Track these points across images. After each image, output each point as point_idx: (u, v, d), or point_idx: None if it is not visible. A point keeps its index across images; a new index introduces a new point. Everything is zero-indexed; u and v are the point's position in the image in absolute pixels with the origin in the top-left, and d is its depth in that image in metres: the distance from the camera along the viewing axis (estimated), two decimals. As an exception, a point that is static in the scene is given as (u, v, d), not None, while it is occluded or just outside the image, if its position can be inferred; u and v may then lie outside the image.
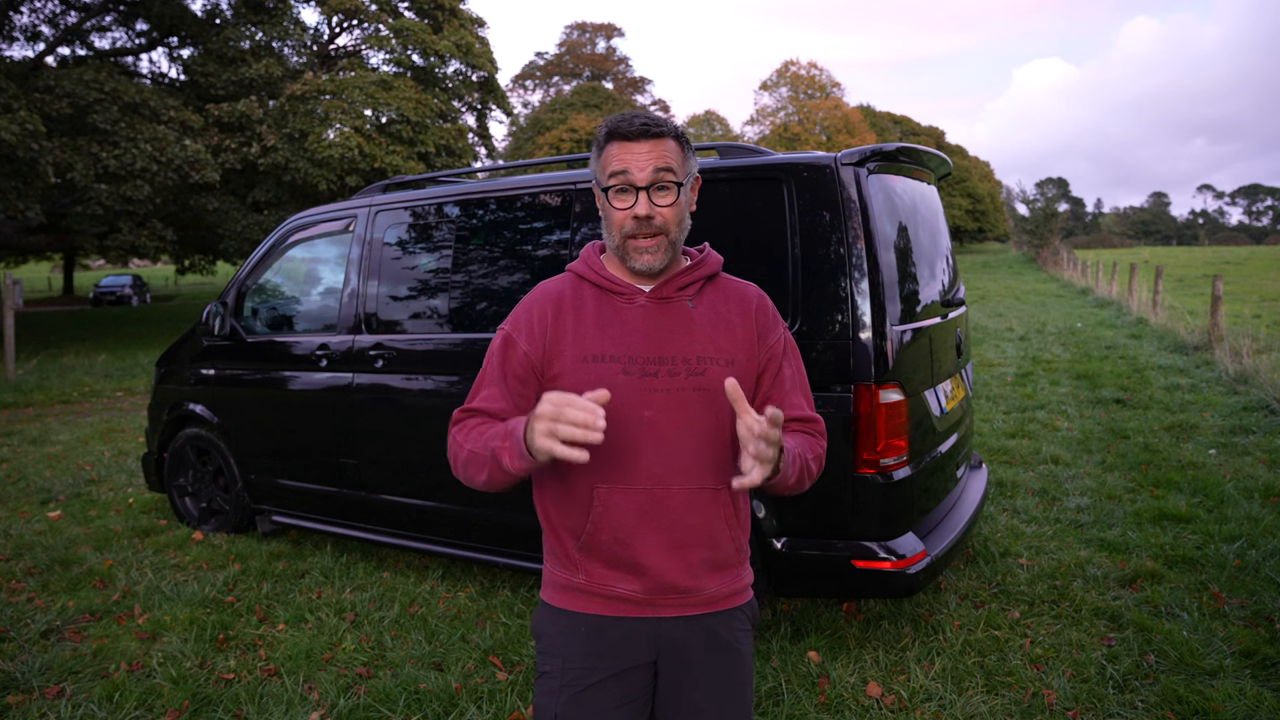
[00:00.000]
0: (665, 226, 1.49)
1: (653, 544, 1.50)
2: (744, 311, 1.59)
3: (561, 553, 1.57)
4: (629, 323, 1.52)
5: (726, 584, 1.57)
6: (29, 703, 3.02)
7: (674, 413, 1.49)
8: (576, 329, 1.52)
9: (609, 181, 1.50)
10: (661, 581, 1.51)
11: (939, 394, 3.44)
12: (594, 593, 1.54)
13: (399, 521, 4.07)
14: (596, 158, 1.54)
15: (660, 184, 1.48)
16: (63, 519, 5.30)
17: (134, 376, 12.25)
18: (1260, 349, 8.97)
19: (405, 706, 2.92)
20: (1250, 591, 3.58)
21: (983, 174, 67.92)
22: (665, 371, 1.50)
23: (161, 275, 56.07)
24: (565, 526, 1.56)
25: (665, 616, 1.53)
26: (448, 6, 22.48)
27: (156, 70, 21.32)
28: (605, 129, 1.51)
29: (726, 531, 1.56)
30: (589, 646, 1.54)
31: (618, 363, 1.49)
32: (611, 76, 60.18)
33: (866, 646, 3.27)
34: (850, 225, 3.02)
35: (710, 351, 1.53)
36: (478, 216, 3.90)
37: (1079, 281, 25.61)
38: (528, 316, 1.56)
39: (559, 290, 1.58)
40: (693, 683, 1.56)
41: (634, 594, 1.52)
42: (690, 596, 1.54)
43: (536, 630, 1.62)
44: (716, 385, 1.50)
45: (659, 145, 1.49)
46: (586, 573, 1.54)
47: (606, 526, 1.50)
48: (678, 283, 1.56)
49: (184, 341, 5.03)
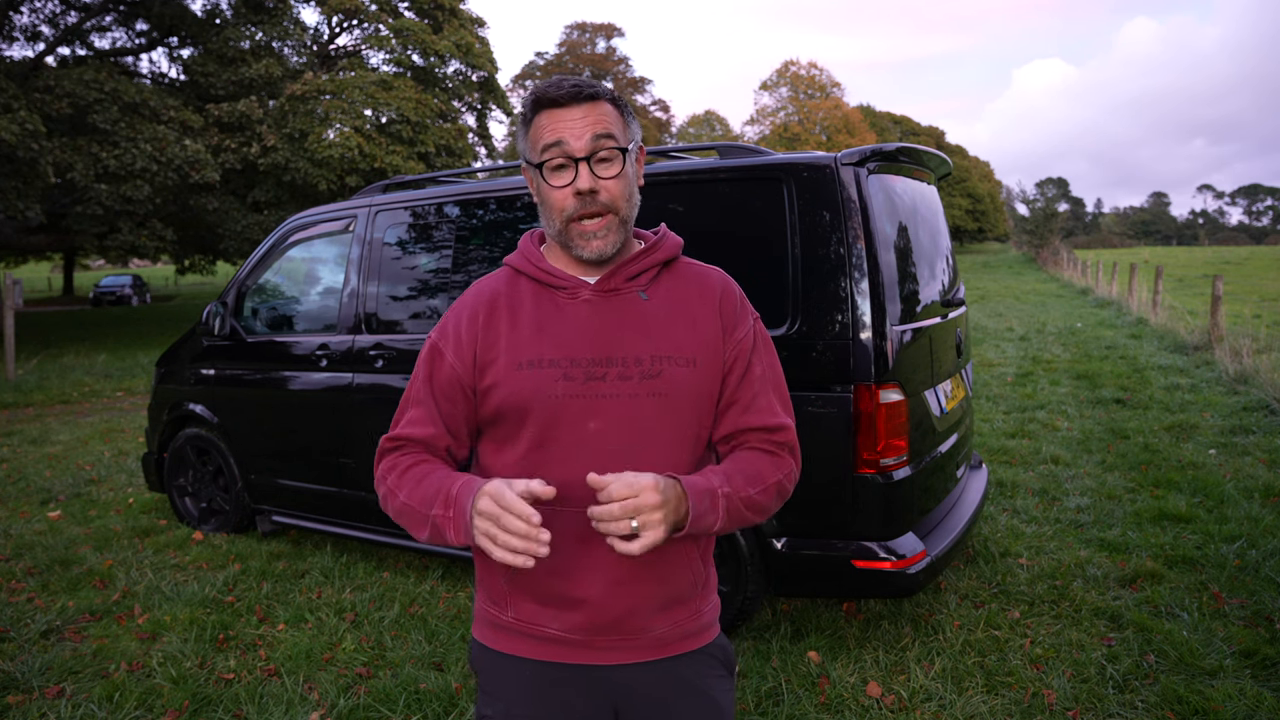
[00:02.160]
0: (612, 203, 1.28)
1: (594, 578, 1.30)
2: (706, 301, 1.37)
3: (491, 584, 1.38)
4: (571, 321, 1.32)
5: (680, 623, 1.35)
6: (29, 703, 3.01)
7: (625, 423, 1.29)
8: (511, 332, 1.33)
9: (542, 157, 1.28)
10: (599, 621, 1.31)
11: (939, 394, 3.44)
12: (523, 633, 1.35)
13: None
14: (524, 134, 1.32)
15: (601, 153, 1.27)
16: (63, 519, 5.30)
17: (134, 376, 12.25)
18: (1260, 349, 8.97)
19: (405, 706, 2.92)
20: (1250, 591, 3.58)
21: (983, 174, 67.95)
22: (614, 375, 1.29)
23: (161, 275, 56.07)
24: None
25: (612, 664, 1.33)
26: (448, 6, 22.49)
27: (156, 70, 21.34)
28: (531, 97, 1.30)
29: (683, 563, 1.35)
30: (534, 693, 1.34)
31: (557, 367, 1.29)
32: (611, 76, 60.16)
33: (866, 646, 3.27)
34: (850, 225, 3.02)
35: (667, 350, 1.31)
36: (478, 216, 3.90)
37: (1079, 281, 25.61)
38: (456, 322, 1.36)
39: (493, 289, 1.38)
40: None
41: (567, 635, 1.32)
42: (635, 639, 1.32)
43: (474, 666, 1.43)
44: (675, 389, 1.30)
45: (594, 109, 1.27)
46: (515, 610, 1.35)
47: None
48: (627, 271, 1.34)
49: (184, 341, 5.03)
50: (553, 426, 1.30)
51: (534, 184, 1.34)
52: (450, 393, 1.36)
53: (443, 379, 1.36)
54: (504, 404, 1.32)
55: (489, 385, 1.33)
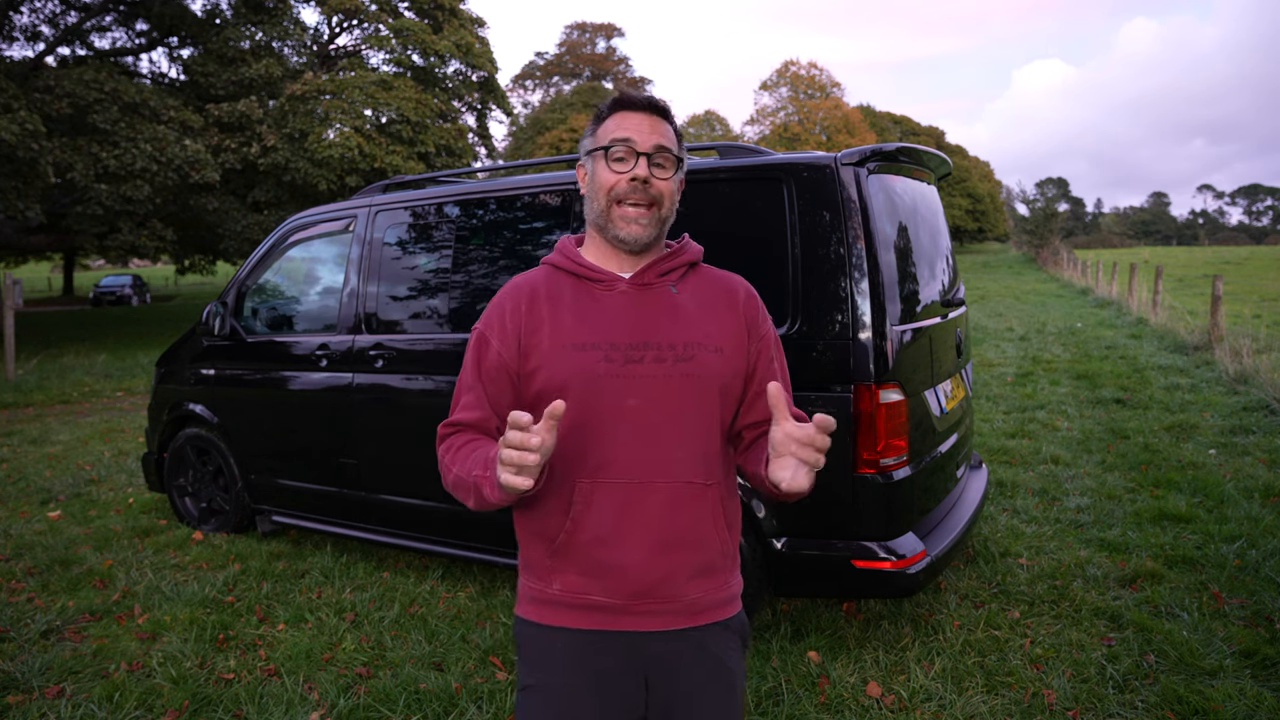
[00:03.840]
0: (659, 196, 1.45)
1: (634, 544, 1.41)
2: (731, 302, 1.53)
3: (535, 562, 1.50)
4: (609, 309, 1.46)
5: (712, 591, 1.48)
6: (29, 703, 3.02)
7: (660, 401, 1.42)
8: (553, 319, 1.46)
9: (609, 143, 1.45)
10: (640, 586, 1.42)
11: (939, 394, 3.44)
12: (568, 604, 1.45)
13: (399, 521, 4.07)
14: (594, 129, 1.50)
15: (660, 160, 1.46)
16: (63, 519, 5.30)
17: (134, 376, 12.25)
18: (1260, 349, 8.97)
19: (405, 706, 2.92)
20: (1250, 591, 3.58)
21: (983, 174, 67.92)
22: (650, 357, 1.42)
23: (161, 275, 56.06)
24: (539, 533, 1.48)
25: (649, 631, 1.44)
26: (448, 6, 22.49)
27: (156, 70, 21.34)
28: (612, 99, 1.51)
29: (714, 533, 1.47)
30: (572, 662, 1.45)
31: (598, 350, 1.42)
32: (611, 76, 60.18)
33: (866, 646, 3.27)
34: (850, 225, 3.02)
35: (698, 337, 1.46)
36: (478, 216, 3.90)
37: (1079, 281, 25.61)
38: (500, 312, 1.50)
39: (532, 283, 1.51)
40: (684, 707, 1.47)
41: (611, 602, 1.43)
42: (672, 603, 1.44)
43: (517, 638, 1.54)
44: (705, 372, 1.44)
45: (662, 124, 1.47)
46: (561, 582, 1.46)
47: (586, 525, 1.42)
48: (659, 269, 1.50)
49: (184, 341, 5.03)
50: (594, 404, 1.41)
51: (586, 171, 1.51)
52: (497, 377, 1.49)
53: (490, 365, 1.49)
54: (548, 384, 1.44)
55: (533, 368, 1.46)
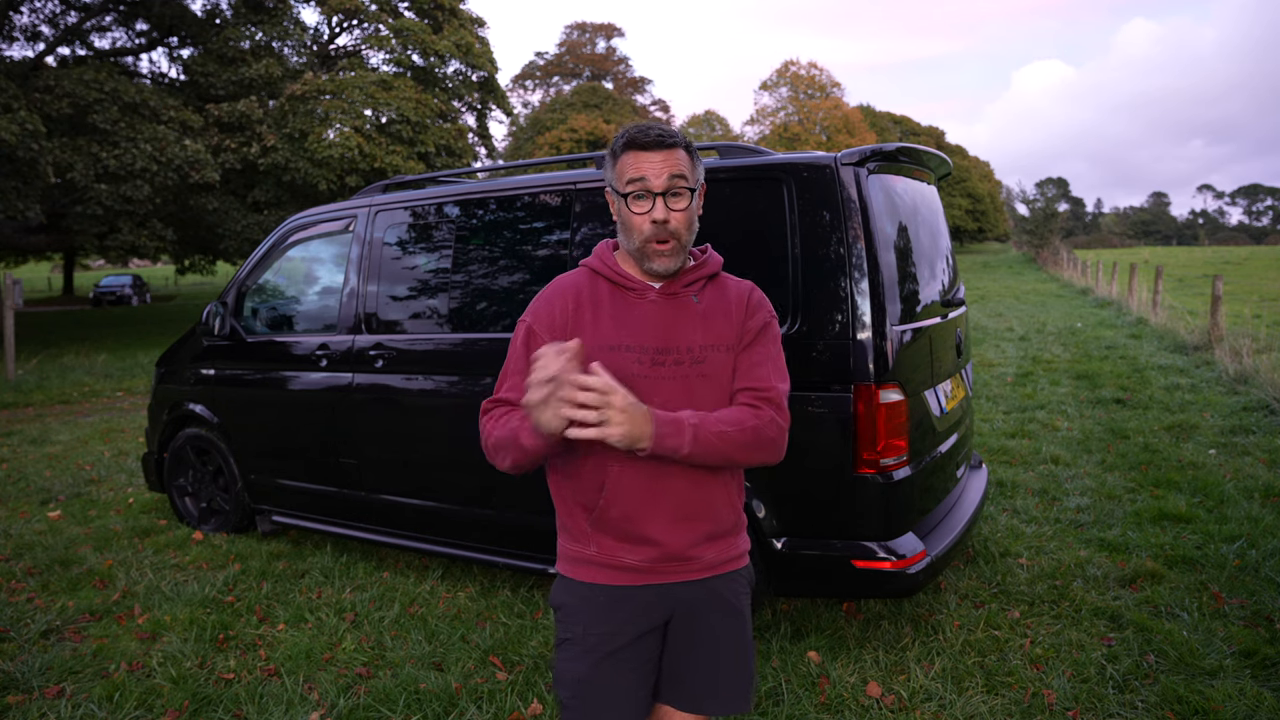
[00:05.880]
0: (678, 231, 1.64)
1: (660, 519, 1.64)
2: (739, 304, 1.74)
3: (574, 527, 1.71)
4: (641, 316, 1.67)
5: (724, 551, 1.73)
6: (29, 703, 3.02)
7: (680, 398, 1.63)
8: (595, 321, 1.67)
9: (627, 188, 1.63)
10: (667, 552, 1.66)
11: (939, 394, 3.44)
12: (604, 564, 1.67)
13: (399, 521, 4.07)
14: (611, 166, 1.68)
15: (675, 190, 1.62)
16: (63, 519, 5.30)
17: (134, 376, 12.25)
18: (1260, 349, 8.97)
19: (405, 706, 2.92)
20: (1250, 591, 3.58)
21: (983, 174, 67.93)
22: (671, 360, 1.65)
23: (161, 275, 56.06)
24: (578, 502, 1.68)
25: (674, 582, 1.68)
26: (448, 6, 22.48)
27: (156, 70, 21.33)
28: (622, 139, 1.66)
29: (727, 505, 1.72)
30: (608, 614, 1.67)
31: (632, 352, 1.64)
32: (611, 76, 60.15)
33: (866, 646, 3.27)
34: (850, 225, 3.02)
35: (711, 340, 1.68)
36: (478, 216, 3.89)
37: (1079, 281, 25.61)
38: (548, 309, 1.70)
39: (576, 284, 1.72)
40: (700, 641, 1.71)
41: (641, 564, 1.66)
42: (693, 563, 1.68)
43: (555, 602, 1.74)
44: (716, 371, 1.67)
45: (672, 155, 1.63)
46: (598, 545, 1.67)
47: (617, 503, 1.63)
48: (684, 280, 1.71)
49: (184, 341, 5.03)
50: None
51: (616, 206, 1.69)
52: None
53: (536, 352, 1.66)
54: None
55: None
